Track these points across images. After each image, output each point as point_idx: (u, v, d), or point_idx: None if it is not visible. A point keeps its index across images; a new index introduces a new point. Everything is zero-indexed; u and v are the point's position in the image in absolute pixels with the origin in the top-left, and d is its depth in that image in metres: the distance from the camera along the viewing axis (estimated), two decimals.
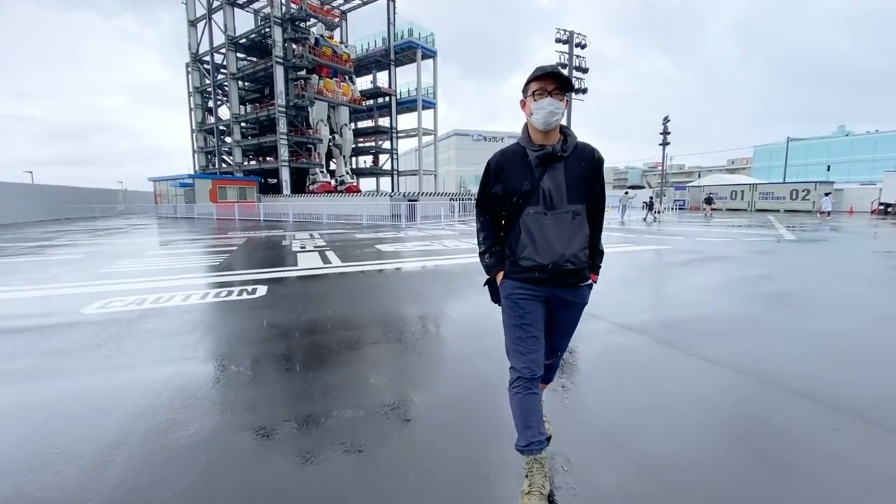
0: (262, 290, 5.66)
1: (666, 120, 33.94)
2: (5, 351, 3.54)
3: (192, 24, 39.64)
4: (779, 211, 31.64)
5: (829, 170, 43.25)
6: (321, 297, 5.48)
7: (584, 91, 17.78)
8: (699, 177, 58.61)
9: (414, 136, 42.13)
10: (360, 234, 14.47)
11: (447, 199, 24.27)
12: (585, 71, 17.74)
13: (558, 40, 17.29)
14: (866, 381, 2.79)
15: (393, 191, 40.07)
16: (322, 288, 6.06)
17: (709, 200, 27.47)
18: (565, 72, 14.55)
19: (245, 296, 5.38)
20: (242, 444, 2.11)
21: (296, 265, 7.83)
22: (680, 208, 40.14)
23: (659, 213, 32.08)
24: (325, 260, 8.44)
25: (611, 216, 23.06)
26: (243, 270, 7.38)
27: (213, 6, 36.83)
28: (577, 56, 17.47)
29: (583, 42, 17.56)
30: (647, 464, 1.93)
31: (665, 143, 34.44)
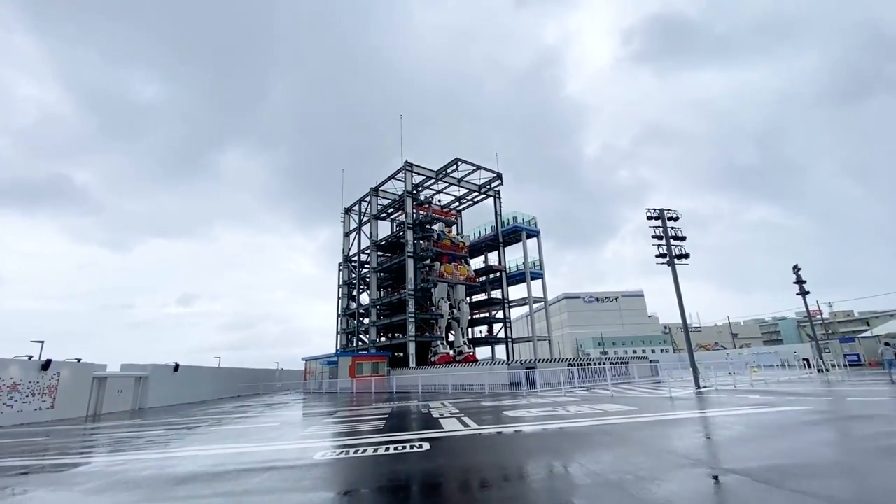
0: (426, 446, 7.32)
1: (796, 268, 31.93)
2: (294, 476, 5.63)
3: (346, 234, 51.83)
4: None
5: None
6: (472, 450, 6.91)
7: (687, 256, 18.89)
8: (867, 325, 49.17)
9: (525, 304, 44.83)
10: (486, 402, 15.70)
11: (565, 365, 24.60)
12: (683, 239, 19.19)
13: (649, 217, 19.52)
14: None
15: (509, 358, 41.06)
16: (470, 444, 7.50)
17: None
18: (661, 244, 16.00)
19: (415, 449, 7.08)
20: None
21: (442, 428, 9.45)
22: (853, 364, 33.58)
23: (827, 371, 27.54)
24: (464, 424, 9.92)
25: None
26: (404, 432, 9.20)
27: (363, 220, 48.42)
28: (672, 227, 19.30)
29: (674, 216, 19.56)
30: None
31: (804, 293, 31.58)
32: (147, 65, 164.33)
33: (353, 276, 49.16)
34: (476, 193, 46.76)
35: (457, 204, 49.12)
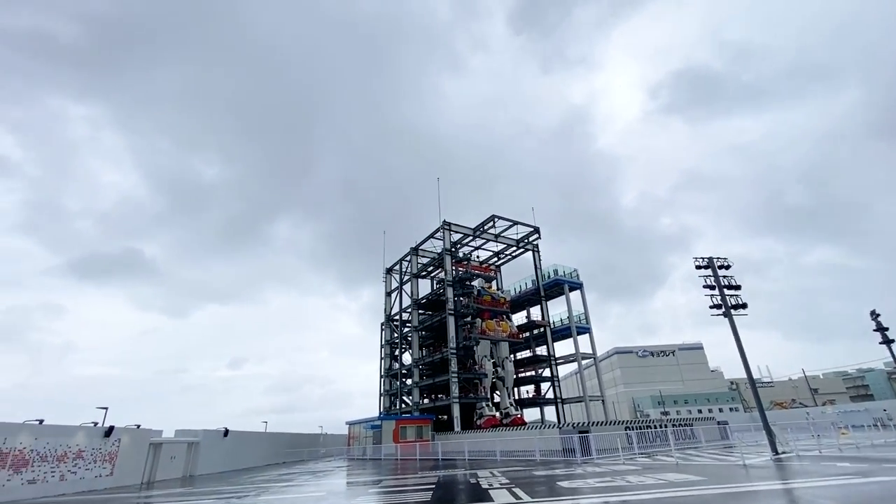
0: None
1: (874, 314, 29.05)
2: None
3: (388, 294, 52.72)
4: None
5: None
6: None
7: (744, 306, 17.75)
8: None
9: (572, 360, 42.75)
10: (537, 471, 14.73)
11: (622, 428, 22.85)
12: (738, 287, 18.12)
13: (698, 266, 18.71)
14: None
15: (560, 421, 38.77)
16: None
17: None
18: (715, 294, 15.22)
19: None
20: None
21: (492, 500, 8.94)
22: None
23: None
24: (516, 496, 9.35)
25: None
26: None
27: (404, 280, 49.32)
28: (724, 276, 18.37)
29: (725, 263, 18.66)
30: None
31: (888, 341, 28.39)
32: (210, 148, 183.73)
33: (395, 335, 49.30)
34: (514, 248, 46.84)
35: (495, 259, 49.30)
